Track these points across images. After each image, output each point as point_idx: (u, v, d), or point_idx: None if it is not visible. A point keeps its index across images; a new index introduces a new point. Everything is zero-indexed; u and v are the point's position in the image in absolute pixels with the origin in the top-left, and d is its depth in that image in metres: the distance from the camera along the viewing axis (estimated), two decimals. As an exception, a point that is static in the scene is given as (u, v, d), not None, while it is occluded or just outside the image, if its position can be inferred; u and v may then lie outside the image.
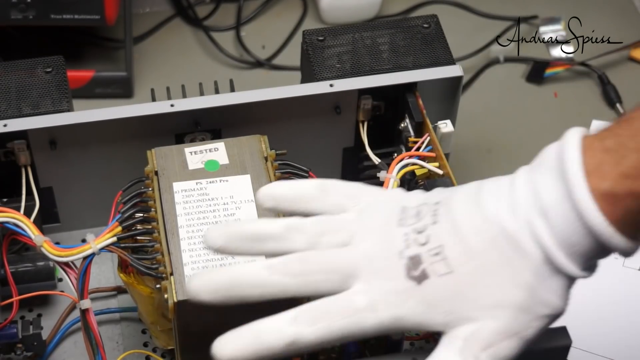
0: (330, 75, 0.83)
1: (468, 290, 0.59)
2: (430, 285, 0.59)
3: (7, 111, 0.79)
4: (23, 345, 0.76)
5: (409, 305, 0.59)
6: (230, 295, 0.61)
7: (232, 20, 1.10)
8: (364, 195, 0.64)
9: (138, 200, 0.73)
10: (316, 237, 0.62)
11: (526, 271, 0.58)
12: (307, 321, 0.59)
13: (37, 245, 0.72)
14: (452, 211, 0.60)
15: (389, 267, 0.60)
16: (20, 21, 0.97)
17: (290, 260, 0.61)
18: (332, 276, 0.60)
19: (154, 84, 0.94)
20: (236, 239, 0.62)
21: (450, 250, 0.59)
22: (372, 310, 0.59)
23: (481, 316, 0.59)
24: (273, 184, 0.66)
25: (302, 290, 0.61)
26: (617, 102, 1.02)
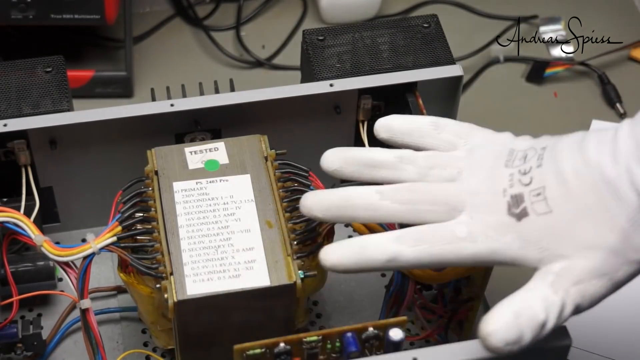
0: (330, 74, 0.83)
1: (564, 229, 0.62)
2: (529, 222, 0.62)
3: (7, 111, 0.79)
4: (23, 345, 0.76)
5: (506, 239, 0.63)
6: (341, 215, 0.66)
7: (232, 20, 1.10)
8: (475, 135, 0.68)
9: (138, 200, 0.73)
10: (426, 170, 0.67)
11: (622, 216, 0.60)
12: (409, 241, 0.63)
13: (37, 245, 0.71)
14: (557, 155, 0.63)
15: (492, 203, 0.64)
16: (21, 21, 0.97)
17: (400, 189, 0.65)
18: (438, 207, 0.65)
19: (154, 84, 0.94)
20: (352, 163, 0.67)
21: (551, 191, 0.62)
22: (471, 240, 0.63)
23: (574, 255, 0.61)
24: (390, 117, 0.70)
25: (409, 217, 0.65)
26: (617, 102, 1.03)
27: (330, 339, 0.69)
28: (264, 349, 0.67)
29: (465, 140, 0.68)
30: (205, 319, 0.70)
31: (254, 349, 0.67)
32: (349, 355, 0.69)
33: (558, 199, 0.62)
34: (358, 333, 0.69)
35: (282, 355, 0.68)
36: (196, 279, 0.69)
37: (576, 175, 0.62)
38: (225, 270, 0.70)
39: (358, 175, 0.68)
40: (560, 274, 0.61)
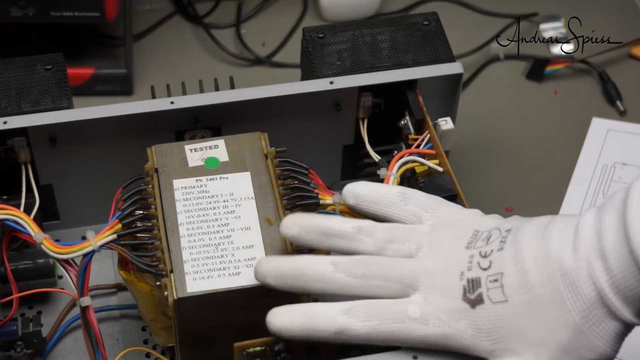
0: (330, 72, 0.83)
1: (517, 322, 0.60)
2: (483, 310, 0.60)
3: (7, 108, 0.79)
4: (23, 343, 0.76)
5: (459, 326, 0.61)
6: (294, 285, 0.65)
7: (232, 18, 1.10)
8: (441, 209, 0.67)
9: (138, 197, 0.73)
10: (384, 243, 0.65)
11: (577, 312, 0.58)
12: (360, 315, 0.62)
13: (37, 242, 0.71)
14: (519, 241, 0.61)
15: (448, 286, 0.62)
16: (20, 18, 0.97)
17: (355, 262, 0.64)
18: (392, 284, 0.63)
19: (154, 81, 0.94)
20: (310, 231, 0.66)
21: (509, 279, 0.60)
22: (423, 322, 0.62)
23: (524, 352, 0.60)
24: (358, 183, 0.69)
25: (362, 291, 0.63)
26: (617, 100, 1.02)
27: (331, 337, 0.69)
28: (264, 346, 0.67)
29: (431, 214, 0.67)
30: (205, 317, 0.70)
31: (254, 347, 0.67)
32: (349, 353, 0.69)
33: (514, 288, 0.60)
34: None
35: (282, 353, 0.68)
36: (196, 277, 0.69)
37: (535, 264, 0.60)
38: (225, 268, 0.70)
39: (316, 244, 0.67)
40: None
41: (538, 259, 0.60)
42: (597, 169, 0.96)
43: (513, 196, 0.94)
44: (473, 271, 0.62)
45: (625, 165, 0.96)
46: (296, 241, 0.67)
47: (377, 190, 0.69)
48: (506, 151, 0.98)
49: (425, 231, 0.65)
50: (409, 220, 0.67)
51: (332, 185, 0.78)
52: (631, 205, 0.57)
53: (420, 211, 0.67)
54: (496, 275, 0.61)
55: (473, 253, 0.63)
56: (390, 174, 0.76)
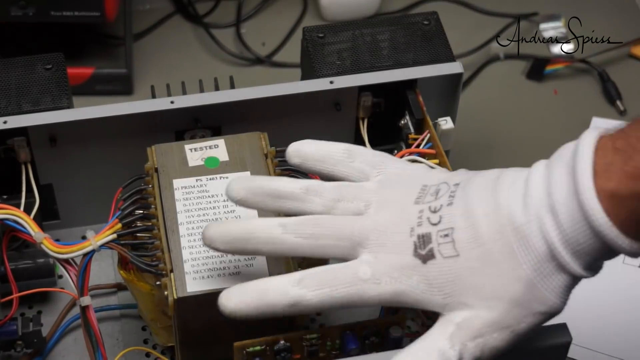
0: (330, 72, 0.83)
1: (469, 276, 0.60)
2: (434, 265, 0.60)
3: (7, 108, 0.79)
4: (23, 342, 0.76)
5: (411, 282, 0.61)
6: (244, 248, 0.64)
7: (232, 17, 1.10)
8: (388, 166, 0.66)
9: (138, 197, 0.73)
10: (333, 202, 0.64)
11: (528, 265, 0.59)
12: (311, 285, 0.61)
13: (37, 242, 0.71)
14: (468, 195, 0.61)
15: (398, 242, 0.62)
16: (20, 18, 0.96)
17: (304, 222, 0.63)
18: (342, 242, 0.63)
19: (154, 81, 0.94)
20: (257, 193, 0.65)
21: (460, 233, 0.60)
22: (375, 282, 0.61)
23: (477, 305, 0.60)
24: (303, 142, 0.68)
25: (312, 252, 0.63)
26: (617, 99, 1.02)
27: (330, 337, 0.69)
28: (264, 346, 0.67)
29: (378, 170, 0.66)
30: (205, 316, 0.70)
31: (254, 346, 0.67)
32: (348, 353, 0.69)
33: (466, 243, 0.60)
34: (358, 330, 0.69)
35: (282, 352, 0.68)
36: (196, 276, 0.69)
37: (486, 219, 0.60)
38: (225, 268, 0.70)
39: (263, 206, 0.65)
40: (461, 326, 0.60)
41: (488, 213, 0.60)
42: (597, 168, 0.96)
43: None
44: (423, 227, 0.61)
45: (625, 164, 0.96)
46: (243, 204, 0.65)
47: (323, 148, 0.68)
48: (506, 150, 0.98)
49: (373, 188, 0.65)
50: (356, 177, 0.66)
51: (332, 185, 0.77)
52: (580, 160, 0.57)
53: (367, 168, 0.66)
54: (447, 230, 0.60)
55: (422, 208, 0.62)
56: (390, 174, 0.76)
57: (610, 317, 0.84)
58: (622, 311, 0.85)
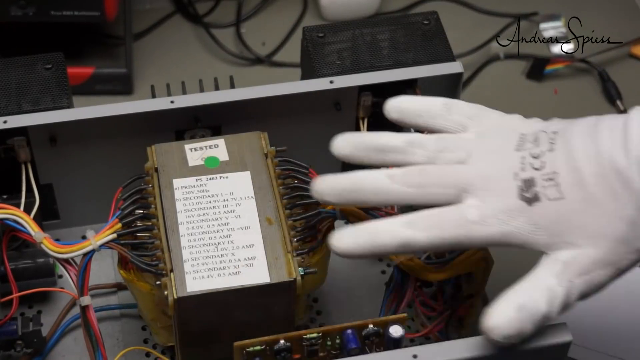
0: (330, 71, 0.83)
1: (575, 216, 0.62)
2: (540, 207, 0.63)
3: (7, 107, 0.79)
4: (23, 342, 0.76)
5: (517, 223, 0.63)
6: (353, 199, 0.66)
7: (232, 17, 1.10)
8: (485, 117, 0.69)
9: (138, 196, 0.73)
10: (436, 153, 0.67)
11: (631, 206, 0.61)
12: (421, 226, 0.64)
13: (37, 241, 0.71)
14: (569, 141, 0.64)
15: (503, 186, 0.64)
16: (20, 18, 0.97)
17: (410, 172, 0.66)
18: (448, 190, 0.65)
19: (154, 81, 0.94)
20: (362, 148, 0.68)
21: (564, 177, 0.63)
22: (482, 224, 0.63)
23: (583, 243, 0.62)
24: (401, 97, 0.71)
25: (419, 199, 0.65)
26: (617, 99, 1.02)
27: (330, 336, 0.69)
28: (264, 345, 0.67)
29: (475, 122, 0.68)
30: (205, 316, 0.70)
31: (254, 346, 0.67)
32: (349, 352, 0.69)
33: (570, 186, 0.62)
34: (358, 330, 0.69)
35: (282, 352, 0.68)
36: (196, 276, 0.69)
37: (588, 163, 0.62)
38: (225, 267, 0.70)
39: (368, 160, 0.68)
40: (568, 264, 0.62)
41: (590, 158, 0.62)
42: (597, 168, 0.96)
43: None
44: (527, 172, 0.64)
45: (625, 164, 0.96)
46: (349, 159, 0.68)
47: (422, 102, 0.70)
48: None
49: (473, 138, 0.67)
50: (455, 129, 0.68)
51: (332, 185, 0.77)
52: None
53: (465, 119, 0.68)
54: (550, 174, 0.63)
55: (524, 155, 0.64)
56: (390, 173, 0.76)
57: (610, 317, 0.84)
58: (622, 310, 0.85)
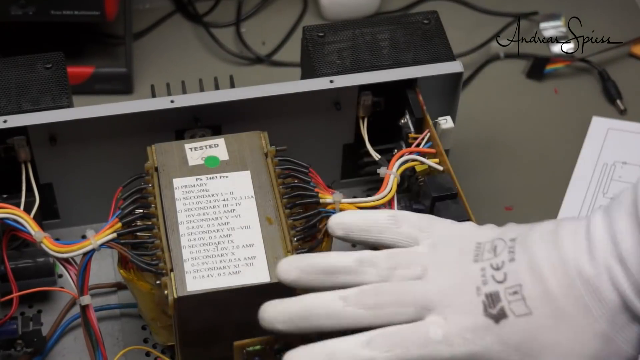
0: (330, 71, 0.83)
1: (546, 334, 0.59)
2: (508, 324, 0.59)
3: (7, 107, 0.79)
4: (23, 342, 0.76)
5: (485, 343, 0.59)
6: (305, 326, 0.62)
7: (232, 17, 1.10)
8: (436, 227, 0.65)
9: (138, 196, 0.73)
10: (389, 271, 0.63)
11: (603, 319, 0.58)
12: (382, 347, 0.60)
13: (37, 241, 0.71)
14: (530, 249, 0.60)
15: (466, 303, 0.60)
16: (20, 17, 0.96)
17: (364, 292, 0.62)
18: (407, 309, 0.61)
19: (154, 80, 0.94)
20: (310, 272, 0.64)
21: (529, 290, 0.59)
22: (447, 344, 0.60)
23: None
24: (344, 213, 0.67)
25: (376, 322, 0.61)
26: (617, 99, 1.02)
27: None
28: (264, 345, 0.67)
29: (426, 233, 0.65)
30: (205, 316, 0.70)
31: (254, 346, 0.67)
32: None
33: (537, 300, 0.59)
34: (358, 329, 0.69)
35: (282, 351, 0.68)
36: (196, 276, 0.69)
37: (553, 273, 0.59)
38: (225, 267, 0.70)
39: (318, 284, 0.64)
40: None
41: (555, 267, 0.59)
42: (597, 167, 0.96)
43: (513, 195, 0.94)
44: (489, 285, 0.60)
45: (625, 164, 0.96)
46: (297, 285, 0.64)
47: (367, 218, 0.66)
48: (506, 150, 0.98)
49: (426, 251, 0.64)
50: (405, 243, 0.65)
51: (332, 184, 0.78)
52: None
53: (415, 232, 0.65)
54: (514, 287, 0.60)
55: (483, 266, 0.61)
56: (390, 173, 0.76)
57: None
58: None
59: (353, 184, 0.90)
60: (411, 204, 0.81)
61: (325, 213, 0.73)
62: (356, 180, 0.90)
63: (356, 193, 0.90)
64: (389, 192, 0.75)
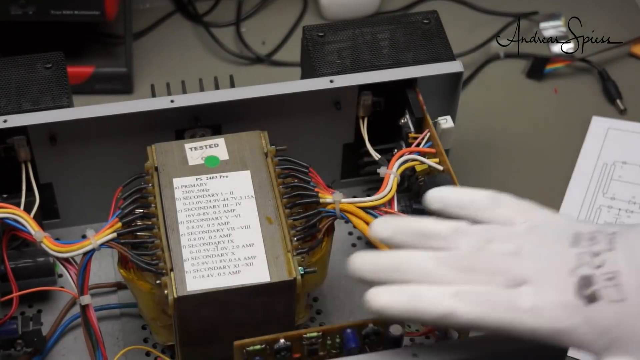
0: (330, 71, 0.83)
1: (635, 322, 0.58)
2: (599, 308, 0.59)
3: (7, 107, 0.79)
4: (23, 341, 0.76)
5: (572, 322, 0.59)
6: (391, 277, 0.62)
7: (232, 16, 1.10)
8: (536, 214, 0.65)
9: (138, 196, 0.73)
10: (483, 243, 0.62)
11: None
12: (468, 301, 0.60)
13: (37, 241, 0.71)
14: (632, 242, 0.60)
15: (560, 281, 0.60)
16: (20, 17, 0.96)
17: (458, 256, 0.62)
18: (497, 278, 0.61)
19: (154, 80, 0.94)
20: (403, 232, 0.64)
21: (626, 278, 0.59)
22: (535, 314, 0.60)
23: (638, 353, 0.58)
24: (443, 188, 0.66)
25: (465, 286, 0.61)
26: (617, 98, 1.02)
27: (330, 335, 0.69)
28: (264, 345, 0.67)
29: (525, 217, 0.64)
30: (205, 315, 0.70)
31: (254, 345, 0.67)
32: (349, 352, 0.69)
33: (632, 288, 0.59)
34: (358, 329, 0.69)
35: (282, 351, 0.68)
36: (196, 275, 0.69)
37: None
38: (225, 267, 0.70)
39: (410, 245, 0.64)
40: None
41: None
42: (597, 167, 0.96)
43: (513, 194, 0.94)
44: (585, 268, 0.60)
45: (625, 163, 0.96)
46: (389, 242, 0.64)
47: (466, 194, 0.66)
48: (506, 149, 0.98)
49: (522, 232, 0.63)
50: (502, 223, 0.64)
51: (332, 184, 0.78)
52: None
53: (515, 214, 0.64)
54: (611, 273, 0.59)
55: (581, 251, 0.61)
56: (390, 173, 0.76)
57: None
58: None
59: (353, 183, 0.90)
60: (411, 203, 0.81)
61: (325, 213, 0.73)
62: (356, 180, 0.90)
63: (356, 193, 0.90)
64: (389, 191, 0.75)
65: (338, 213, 0.73)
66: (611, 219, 0.91)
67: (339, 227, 0.83)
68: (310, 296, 0.82)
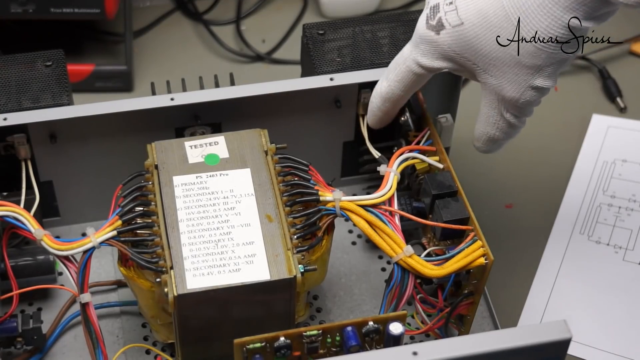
0: (330, 69, 0.83)
1: (475, 42, 0.68)
2: (444, 36, 0.68)
3: (7, 105, 0.79)
4: (23, 339, 0.76)
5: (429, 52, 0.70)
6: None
7: (232, 14, 1.10)
8: None
9: (138, 194, 0.73)
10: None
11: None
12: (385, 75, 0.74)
13: (37, 239, 0.71)
14: None
15: (422, 17, 0.70)
16: (21, 15, 0.97)
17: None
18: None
19: (154, 78, 0.94)
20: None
21: (461, 2, 0.67)
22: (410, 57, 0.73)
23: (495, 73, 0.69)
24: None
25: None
26: (617, 96, 1.02)
27: (331, 333, 0.69)
28: (264, 343, 0.67)
29: None
30: (205, 313, 0.70)
31: (254, 343, 0.67)
32: (349, 350, 0.69)
33: (465, 9, 0.66)
34: (358, 327, 0.69)
35: (282, 349, 0.68)
36: (196, 273, 0.69)
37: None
38: (225, 265, 0.70)
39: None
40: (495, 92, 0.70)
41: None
42: (598, 165, 0.96)
43: (513, 192, 0.94)
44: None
45: (625, 161, 0.96)
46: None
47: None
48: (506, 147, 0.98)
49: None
50: None
51: (332, 182, 0.78)
52: None
53: None
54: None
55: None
56: (390, 171, 0.76)
57: (609, 314, 0.84)
58: (621, 308, 0.85)
59: (353, 181, 0.90)
60: (411, 201, 0.81)
61: (325, 211, 0.73)
62: (356, 178, 0.90)
63: (356, 191, 0.90)
64: (389, 189, 0.75)
65: (338, 211, 0.73)
66: (611, 217, 0.91)
67: (339, 225, 0.83)
68: (310, 294, 0.82)
